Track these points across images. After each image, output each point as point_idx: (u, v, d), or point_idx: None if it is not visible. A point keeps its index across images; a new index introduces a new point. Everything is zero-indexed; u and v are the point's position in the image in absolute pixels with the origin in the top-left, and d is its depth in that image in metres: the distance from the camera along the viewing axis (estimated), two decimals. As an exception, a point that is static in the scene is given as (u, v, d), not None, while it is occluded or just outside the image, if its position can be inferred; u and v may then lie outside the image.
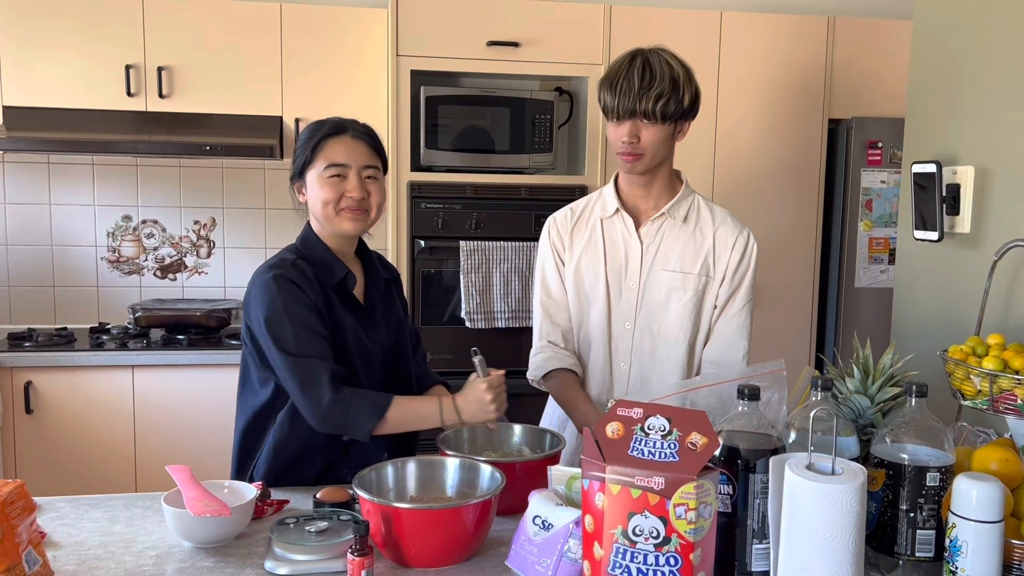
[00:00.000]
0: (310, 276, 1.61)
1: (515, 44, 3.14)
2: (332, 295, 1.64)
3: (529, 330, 2.09)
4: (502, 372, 1.60)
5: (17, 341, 3.06)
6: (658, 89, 1.70)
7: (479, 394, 1.55)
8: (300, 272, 1.60)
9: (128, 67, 3.18)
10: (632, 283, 1.83)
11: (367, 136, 1.69)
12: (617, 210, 1.85)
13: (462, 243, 3.09)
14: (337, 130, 1.66)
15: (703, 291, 1.83)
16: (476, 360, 1.59)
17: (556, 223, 1.92)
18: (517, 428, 1.73)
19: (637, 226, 1.85)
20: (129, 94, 3.19)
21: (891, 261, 3.34)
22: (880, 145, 3.30)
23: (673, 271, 1.82)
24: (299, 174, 1.68)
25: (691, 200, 1.88)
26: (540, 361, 1.87)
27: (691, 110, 1.78)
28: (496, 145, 3.17)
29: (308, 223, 1.72)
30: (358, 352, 1.65)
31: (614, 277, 1.84)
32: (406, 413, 1.56)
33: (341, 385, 1.54)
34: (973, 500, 1.14)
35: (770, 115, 3.35)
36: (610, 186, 1.89)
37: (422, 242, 3.12)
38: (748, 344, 1.86)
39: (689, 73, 1.76)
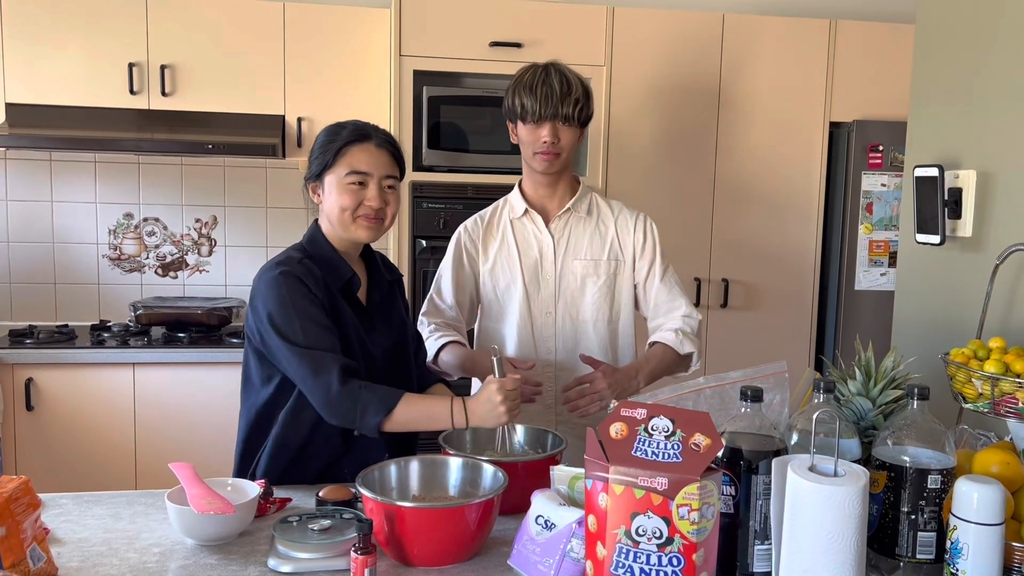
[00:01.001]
0: (317, 275, 1.61)
1: (518, 45, 3.14)
2: (336, 296, 1.64)
3: None
4: (518, 376, 1.58)
5: (18, 338, 3.07)
6: (575, 95, 1.89)
7: (490, 395, 1.51)
8: (307, 270, 1.60)
9: (131, 65, 3.18)
10: (548, 275, 2.00)
11: (390, 146, 1.68)
12: (526, 211, 2.01)
13: (463, 243, 3.09)
14: (361, 137, 1.65)
15: (614, 275, 2.01)
16: (494, 360, 1.56)
17: (467, 230, 2.06)
18: (519, 428, 1.73)
19: (546, 223, 2.01)
20: (132, 92, 3.19)
21: (891, 264, 3.34)
22: (881, 148, 3.31)
23: (585, 259, 2.00)
24: (317, 176, 1.67)
25: (589, 196, 2.06)
26: (431, 343, 1.95)
27: (591, 118, 1.98)
28: (497, 146, 3.17)
29: (315, 222, 1.72)
30: (361, 354, 1.65)
31: (530, 272, 2.00)
32: (415, 411, 1.53)
33: (351, 377, 1.53)
34: (974, 503, 1.14)
35: (771, 117, 3.35)
36: (515, 191, 2.05)
37: (423, 242, 3.12)
38: (687, 299, 2.03)
39: (589, 84, 1.97)
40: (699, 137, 3.31)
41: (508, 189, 2.09)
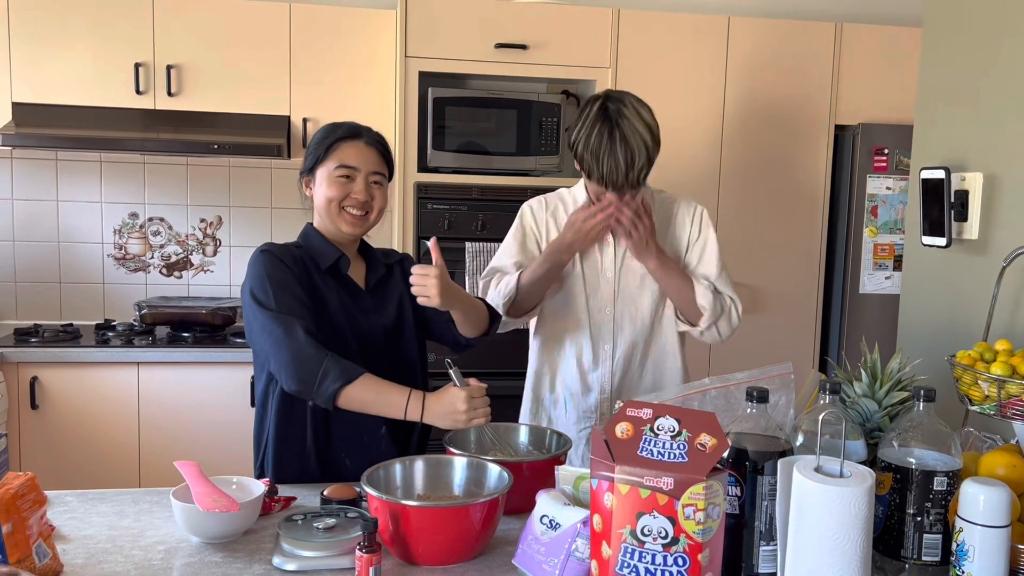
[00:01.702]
0: (296, 255, 1.69)
1: (523, 47, 3.15)
2: (318, 276, 1.70)
3: (528, 333, 2.13)
4: (484, 385, 1.58)
5: (23, 337, 3.07)
6: (639, 163, 1.84)
7: (454, 402, 1.52)
8: (287, 251, 1.69)
9: (137, 65, 3.19)
10: (609, 273, 2.00)
11: (379, 145, 1.78)
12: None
13: (467, 244, 3.10)
14: (352, 135, 1.74)
15: None
16: (452, 372, 1.57)
17: (532, 210, 2.06)
18: (523, 428, 1.73)
19: None
20: (138, 92, 3.20)
21: (896, 267, 3.34)
22: (886, 151, 3.30)
23: None
24: (309, 169, 1.76)
25: (647, 191, 2.02)
26: (503, 287, 1.96)
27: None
28: (502, 147, 3.18)
29: (310, 223, 1.79)
30: (352, 331, 1.70)
31: (590, 269, 2.00)
32: (372, 392, 1.54)
33: (318, 342, 1.56)
34: (980, 505, 1.14)
35: (776, 120, 3.35)
36: (580, 187, 2.04)
37: (427, 243, 3.12)
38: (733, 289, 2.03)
39: (656, 128, 1.89)
40: (704, 139, 3.30)
41: (512, 191, 2.09)
